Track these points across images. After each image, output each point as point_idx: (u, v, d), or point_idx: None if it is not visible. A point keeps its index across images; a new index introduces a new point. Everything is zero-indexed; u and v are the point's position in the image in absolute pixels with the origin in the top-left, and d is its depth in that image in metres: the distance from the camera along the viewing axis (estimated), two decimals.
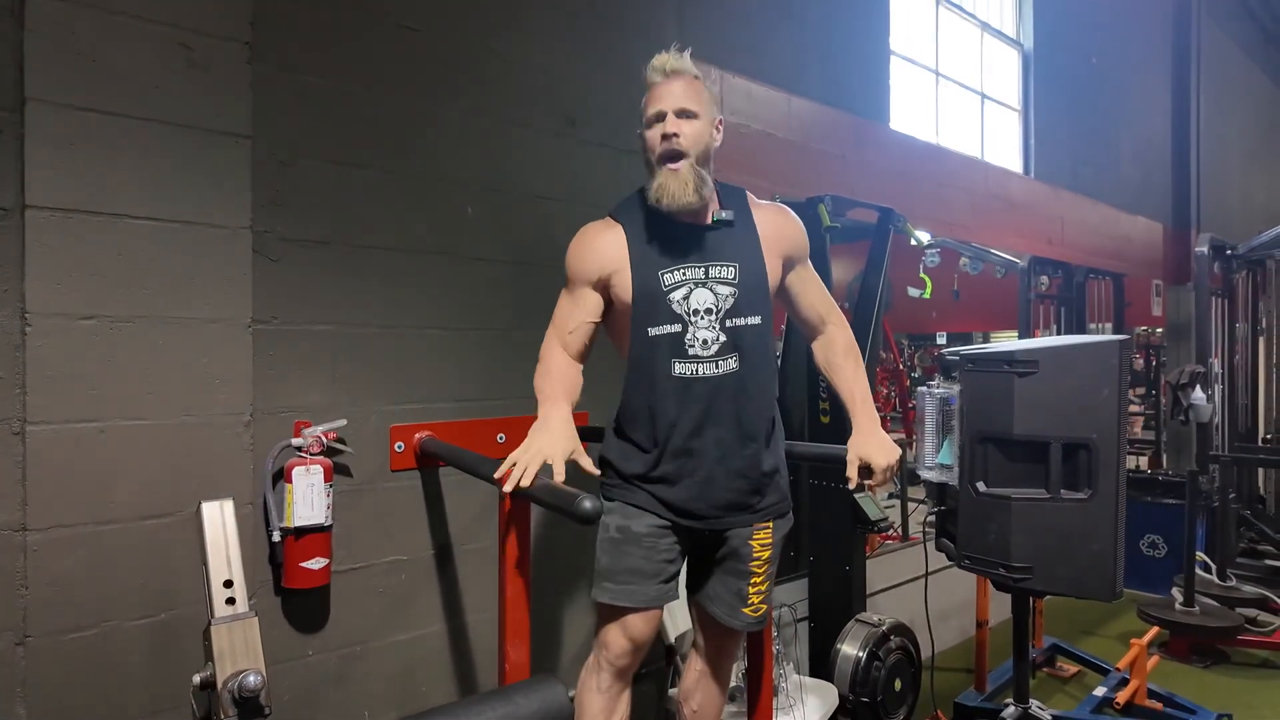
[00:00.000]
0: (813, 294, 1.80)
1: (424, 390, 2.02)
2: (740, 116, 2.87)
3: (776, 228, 1.71)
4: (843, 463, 1.72)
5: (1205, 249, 4.72)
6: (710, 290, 1.61)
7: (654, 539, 1.62)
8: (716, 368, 1.60)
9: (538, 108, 2.24)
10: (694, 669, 1.84)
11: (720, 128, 1.67)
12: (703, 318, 1.60)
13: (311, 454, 1.77)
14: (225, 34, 1.69)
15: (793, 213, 1.77)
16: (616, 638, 1.63)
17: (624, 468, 1.65)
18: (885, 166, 3.54)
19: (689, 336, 1.59)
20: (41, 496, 1.49)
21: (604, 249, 1.63)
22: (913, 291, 6.93)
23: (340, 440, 1.85)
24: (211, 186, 1.68)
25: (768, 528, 1.71)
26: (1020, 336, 4.95)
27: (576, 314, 1.65)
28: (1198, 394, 4.25)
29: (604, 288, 1.64)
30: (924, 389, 1.78)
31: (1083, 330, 5.02)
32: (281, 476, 1.75)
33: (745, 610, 1.71)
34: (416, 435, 2.00)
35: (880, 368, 7.86)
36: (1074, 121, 5.06)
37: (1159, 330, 6.96)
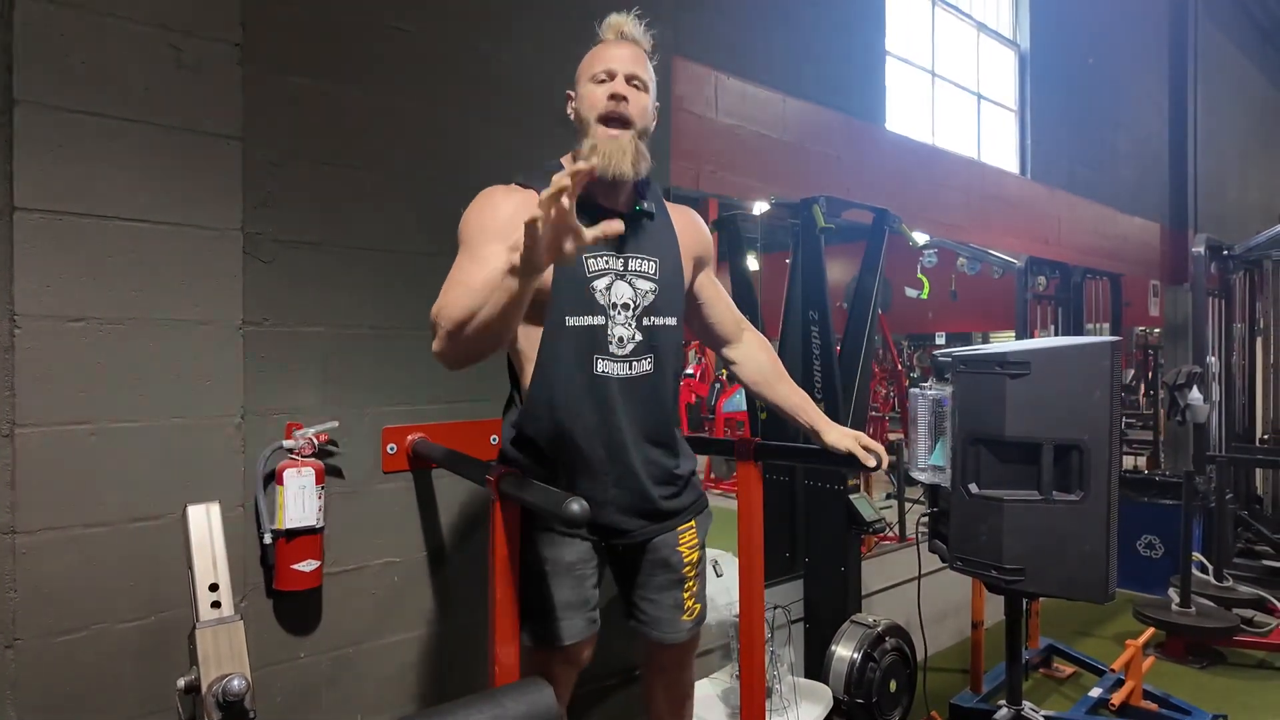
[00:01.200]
0: (723, 299, 1.72)
1: (416, 392, 2.02)
2: (735, 117, 2.87)
3: (690, 229, 1.61)
4: (848, 462, 1.62)
5: (1202, 249, 4.72)
6: (629, 284, 1.46)
7: (583, 565, 1.50)
8: (630, 369, 1.46)
9: (530, 109, 2.23)
10: (659, 692, 1.75)
11: (657, 111, 1.54)
12: (620, 313, 1.45)
13: (303, 456, 1.77)
14: (215, 35, 1.68)
15: (698, 216, 1.68)
16: (564, 673, 1.52)
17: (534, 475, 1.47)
18: (881, 167, 3.53)
19: (609, 332, 1.44)
20: (30, 499, 1.49)
21: (515, 214, 1.35)
22: (910, 292, 6.95)
23: (332, 442, 1.85)
24: (202, 188, 1.68)
25: (691, 528, 1.62)
26: (1017, 337, 4.95)
27: (484, 271, 1.22)
28: (1194, 394, 4.25)
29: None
30: (917, 390, 1.78)
31: (1080, 331, 5.02)
32: (273, 478, 1.74)
33: (685, 618, 1.63)
34: (409, 437, 1.99)
35: (879, 368, 7.89)
36: (1071, 122, 5.05)
37: (1157, 330, 6.97)
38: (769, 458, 1.94)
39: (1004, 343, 1.91)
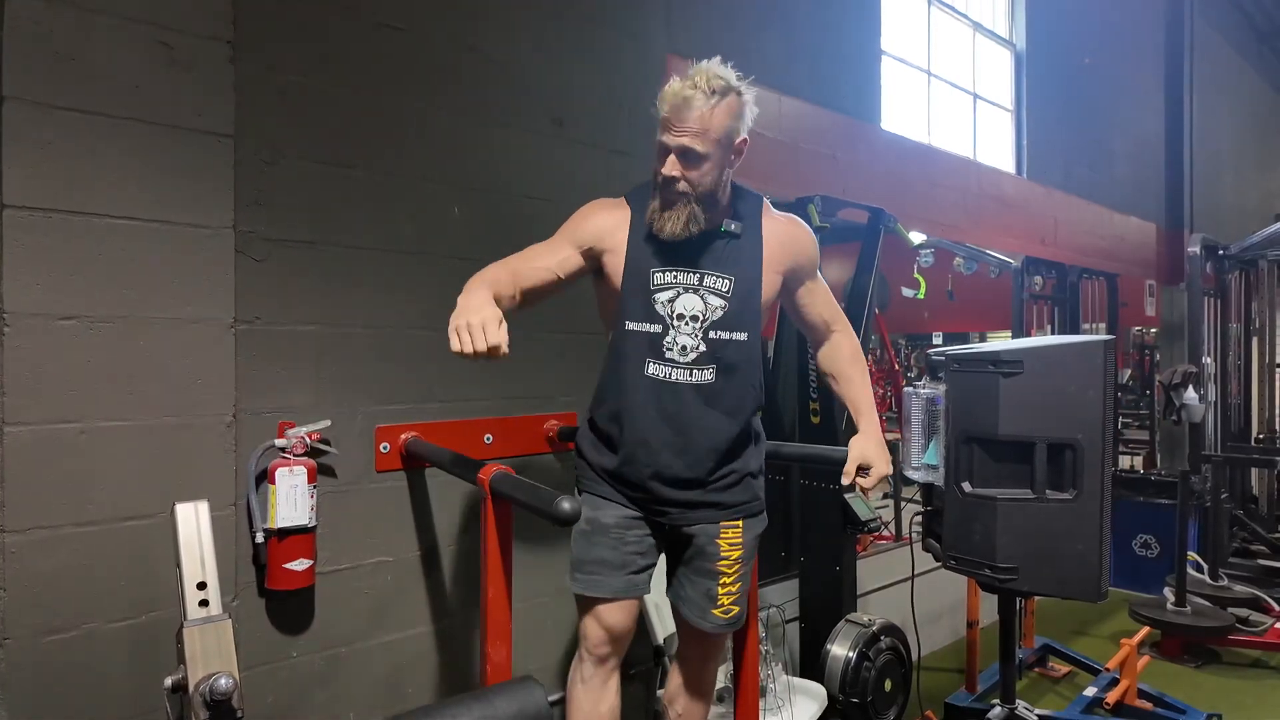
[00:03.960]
0: (820, 302, 1.80)
1: (409, 391, 2.01)
2: None
3: (785, 241, 1.69)
4: (839, 464, 1.73)
5: (1197, 249, 4.72)
6: (700, 298, 1.60)
7: (621, 530, 1.64)
8: (690, 376, 1.60)
9: (524, 107, 2.23)
10: (677, 672, 1.85)
11: (744, 147, 1.60)
12: (686, 323, 1.59)
13: (295, 455, 1.76)
14: (207, 33, 1.68)
15: (804, 224, 1.77)
16: (592, 628, 1.66)
17: (593, 458, 1.68)
18: (877, 167, 3.53)
19: (668, 339, 1.59)
20: (20, 498, 1.48)
21: (607, 224, 1.63)
22: (907, 292, 6.94)
23: (324, 441, 1.84)
24: (193, 186, 1.67)
25: (737, 526, 1.70)
26: (1014, 337, 4.95)
27: (548, 259, 1.61)
28: (1190, 394, 4.26)
29: (593, 259, 1.63)
30: (910, 389, 1.78)
31: (1077, 331, 5.02)
32: (265, 477, 1.74)
33: (715, 612, 1.70)
34: (402, 436, 1.99)
35: (877, 368, 7.89)
36: (1067, 122, 5.06)
37: (1153, 330, 6.98)
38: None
39: (997, 341, 1.91)
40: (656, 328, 1.59)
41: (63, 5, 1.51)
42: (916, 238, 3.78)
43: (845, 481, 1.70)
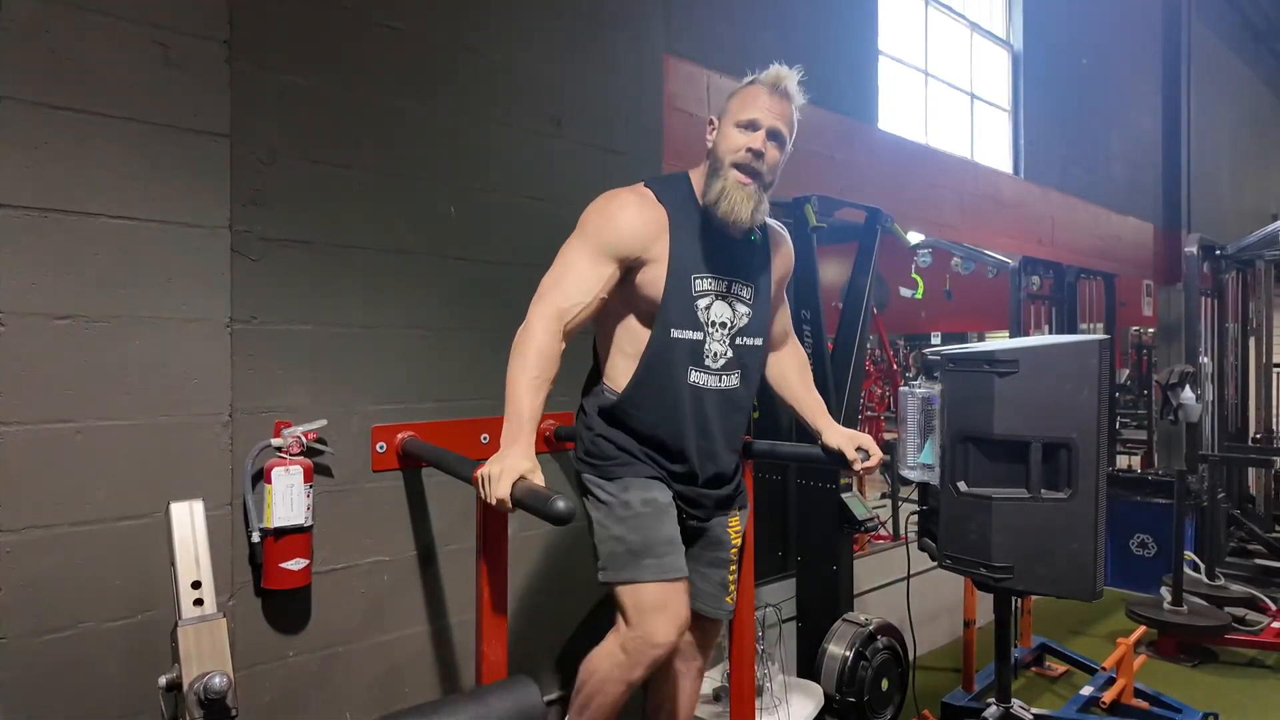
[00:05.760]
0: (784, 314, 1.87)
1: (406, 390, 2.01)
2: None
3: (782, 253, 1.75)
4: (839, 461, 1.74)
5: (1194, 249, 4.72)
6: (729, 305, 1.61)
7: (673, 510, 1.61)
8: (720, 382, 1.62)
9: (522, 107, 2.23)
10: (672, 663, 1.81)
11: (787, 159, 1.65)
12: (717, 330, 1.60)
13: (291, 454, 1.76)
14: (202, 33, 1.68)
15: (788, 236, 1.81)
16: (663, 625, 1.48)
17: (628, 445, 1.58)
18: (874, 167, 3.53)
19: (706, 347, 1.59)
20: (15, 497, 1.48)
21: (647, 230, 1.53)
22: (905, 292, 6.95)
23: (321, 440, 1.84)
24: (189, 186, 1.67)
25: (736, 516, 1.77)
26: (1011, 336, 4.96)
27: (595, 286, 1.50)
28: (1187, 394, 4.26)
29: (630, 268, 1.54)
30: (906, 389, 1.78)
31: (1074, 331, 5.02)
32: (261, 477, 1.74)
33: (727, 599, 1.77)
34: (398, 436, 1.99)
35: (875, 368, 7.89)
36: (1064, 122, 5.06)
37: (1150, 330, 6.98)
38: (760, 457, 1.94)
39: (993, 341, 1.91)
40: (698, 335, 1.58)
41: (58, 4, 1.51)
42: (914, 238, 3.80)
43: (857, 468, 1.72)
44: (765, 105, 1.54)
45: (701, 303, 1.58)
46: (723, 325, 1.60)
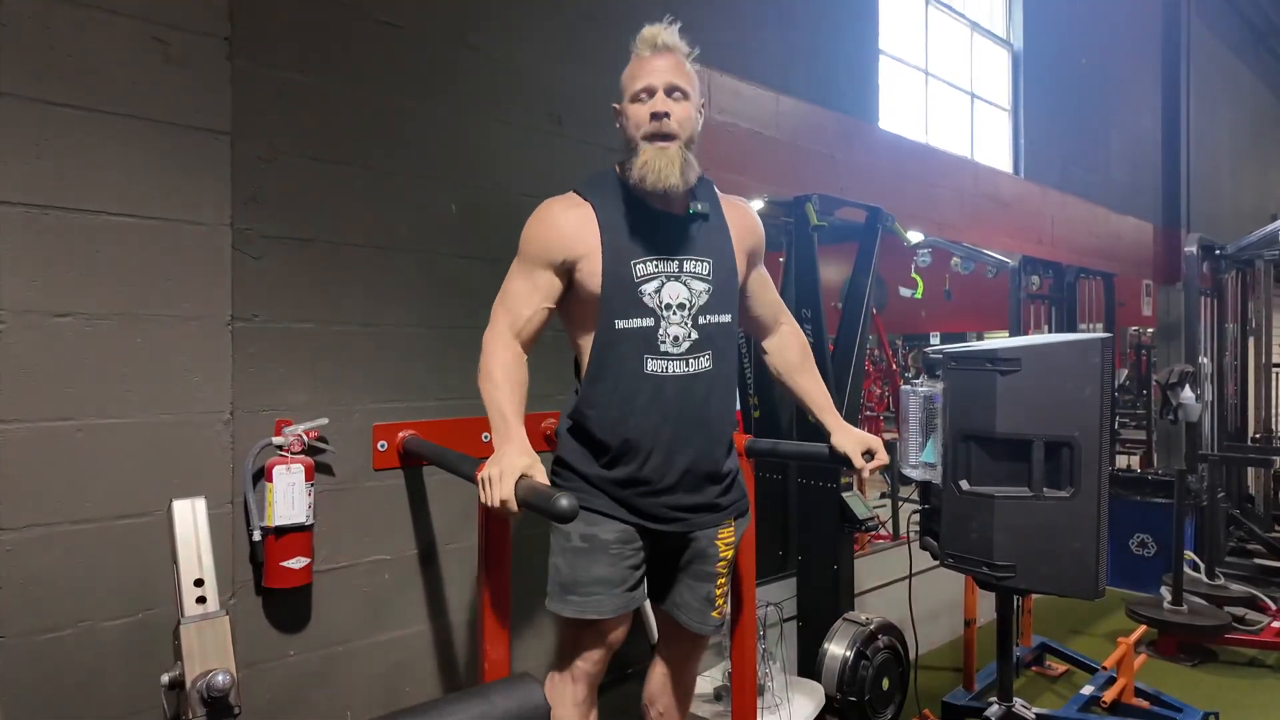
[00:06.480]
0: (770, 293, 1.78)
1: (407, 389, 2.01)
2: (728, 115, 2.87)
3: (744, 225, 1.68)
4: (844, 462, 1.72)
5: (1194, 249, 4.73)
6: (684, 285, 1.54)
7: (621, 545, 1.55)
8: (688, 366, 1.54)
9: (523, 105, 2.23)
10: (659, 673, 1.81)
11: (702, 112, 1.61)
12: (675, 313, 1.53)
13: (292, 453, 1.76)
14: (203, 29, 1.67)
15: (752, 208, 1.75)
16: (592, 649, 1.57)
17: (586, 470, 1.56)
18: (875, 166, 3.53)
19: (661, 332, 1.52)
20: (15, 495, 1.48)
21: (572, 229, 1.51)
22: (904, 291, 6.95)
23: (322, 439, 1.84)
24: (190, 183, 1.67)
25: (730, 527, 1.69)
26: (1011, 336, 4.95)
27: (534, 297, 1.52)
28: (1187, 393, 4.26)
29: (567, 272, 1.53)
30: (908, 388, 1.78)
31: (1074, 330, 5.02)
32: (262, 475, 1.73)
33: (714, 615, 1.69)
34: (399, 434, 1.98)
35: (875, 367, 7.89)
36: (1064, 121, 5.06)
37: (1150, 330, 6.99)
38: (761, 456, 1.94)
39: (995, 340, 1.91)
40: (649, 321, 1.51)
41: (59, 2, 1.51)
42: (914, 237, 3.79)
43: (865, 474, 1.70)
44: (651, 67, 1.53)
45: (648, 287, 1.51)
46: (680, 307, 1.52)
